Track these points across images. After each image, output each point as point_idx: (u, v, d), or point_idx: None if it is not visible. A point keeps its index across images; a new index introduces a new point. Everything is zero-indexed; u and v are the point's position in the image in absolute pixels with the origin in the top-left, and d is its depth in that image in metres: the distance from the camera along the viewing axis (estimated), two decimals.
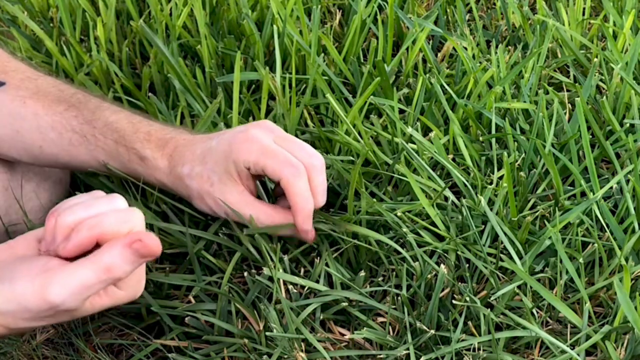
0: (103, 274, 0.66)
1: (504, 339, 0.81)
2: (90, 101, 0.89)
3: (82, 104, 0.88)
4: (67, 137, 0.87)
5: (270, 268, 0.84)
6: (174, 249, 0.91)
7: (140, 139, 0.86)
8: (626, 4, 1.19)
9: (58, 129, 0.87)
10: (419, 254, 0.86)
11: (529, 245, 0.89)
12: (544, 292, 0.81)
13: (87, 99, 0.89)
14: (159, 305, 0.85)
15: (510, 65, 1.12)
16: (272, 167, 0.82)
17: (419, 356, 0.79)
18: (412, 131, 0.97)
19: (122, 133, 0.86)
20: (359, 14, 1.11)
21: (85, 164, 0.89)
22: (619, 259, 0.86)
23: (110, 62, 1.10)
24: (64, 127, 0.87)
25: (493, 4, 1.29)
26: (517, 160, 0.97)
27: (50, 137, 0.87)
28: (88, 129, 0.87)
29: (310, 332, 0.82)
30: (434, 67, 1.10)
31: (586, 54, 1.15)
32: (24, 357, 0.86)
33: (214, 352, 0.83)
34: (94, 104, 0.88)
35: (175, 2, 1.16)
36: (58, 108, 0.87)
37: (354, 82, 1.09)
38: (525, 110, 1.05)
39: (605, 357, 0.80)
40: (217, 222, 0.90)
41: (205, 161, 0.84)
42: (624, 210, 0.91)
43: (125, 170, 0.88)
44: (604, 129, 1.02)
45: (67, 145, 0.87)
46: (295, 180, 0.82)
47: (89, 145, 0.87)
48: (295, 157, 0.83)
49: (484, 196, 0.90)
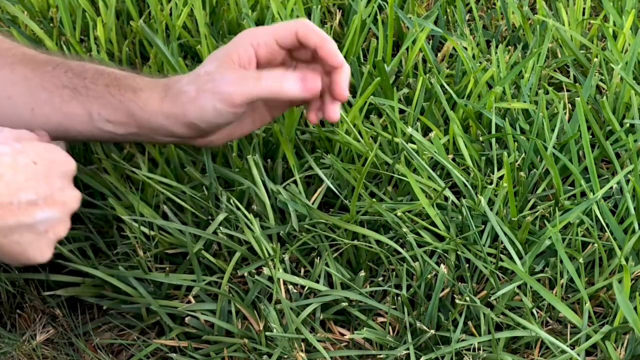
0: None
1: (504, 339, 0.81)
2: (78, 60, 0.89)
3: (70, 61, 0.88)
4: (58, 95, 0.86)
5: (270, 268, 0.84)
6: (174, 249, 0.91)
7: (132, 77, 0.86)
8: (626, 4, 1.18)
9: (49, 89, 0.86)
10: (419, 254, 0.86)
11: (529, 245, 0.89)
12: (544, 292, 0.81)
13: (74, 58, 0.89)
14: (159, 305, 0.86)
15: (510, 65, 1.12)
16: (297, 26, 0.84)
17: (419, 356, 0.79)
18: (412, 131, 0.97)
19: (113, 75, 0.85)
20: (359, 14, 1.11)
21: (77, 120, 0.87)
22: (619, 259, 0.86)
23: (110, 62, 1.10)
24: (54, 85, 0.86)
25: (493, 4, 1.29)
26: (517, 160, 0.97)
27: (42, 98, 0.86)
28: (78, 81, 0.86)
29: (310, 332, 0.82)
30: (434, 67, 1.10)
31: (586, 54, 1.15)
32: (24, 357, 0.86)
33: (214, 352, 0.83)
34: (82, 62, 0.88)
35: (175, 2, 1.16)
36: (47, 68, 0.87)
37: (354, 82, 1.09)
38: (525, 110, 1.05)
39: (605, 357, 0.80)
40: (216, 222, 0.90)
41: (204, 66, 0.84)
42: (624, 210, 0.91)
43: (118, 117, 0.85)
44: (604, 129, 1.02)
45: (59, 103, 0.86)
46: (319, 30, 0.84)
47: (80, 97, 0.86)
48: None
49: (484, 196, 0.90)
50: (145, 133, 0.86)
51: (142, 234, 0.90)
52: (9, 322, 0.91)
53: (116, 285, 0.88)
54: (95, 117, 0.85)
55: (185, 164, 0.97)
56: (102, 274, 0.87)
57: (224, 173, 0.95)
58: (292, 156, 0.96)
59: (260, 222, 0.90)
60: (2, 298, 0.91)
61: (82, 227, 0.95)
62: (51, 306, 0.91)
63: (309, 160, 0.96)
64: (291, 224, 0.89)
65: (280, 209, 0.93)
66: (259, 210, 0.92)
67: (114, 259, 0.91)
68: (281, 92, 0.82)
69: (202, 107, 0.83)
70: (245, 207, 0.92)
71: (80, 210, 0.94)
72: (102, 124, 0.86)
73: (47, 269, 0.92)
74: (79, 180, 0.98)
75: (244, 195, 0.94)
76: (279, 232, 0.90)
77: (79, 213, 0.95)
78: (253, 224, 0.88)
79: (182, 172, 0.97)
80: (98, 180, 0.97)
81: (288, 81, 0.82)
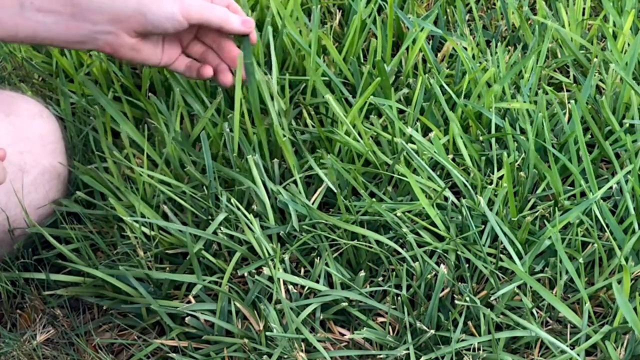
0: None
1: (504, 339, 0.81)
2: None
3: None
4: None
5: (270, 268, 0.84)
6: (174, 249, 0.91)
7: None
8: (626, 4, 1.18)
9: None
10: (418, 254, 0.86)
11: (528, 245, 0.89)
12: (544, 292, 0.81)
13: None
14: (159, 305, 0.86)
15: (510, 66, 1.12)
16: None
17: (419, 356, 0.79)
18: (412, 131, 0.97)
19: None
20: (358, 14, 1.11)
21: (5, 12, 0.87)
22: (618, 259, 0.86)
23: (110, 62, 1.10)
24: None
25: (493, 4, 1.29)
26: (517, 160, 0.97)
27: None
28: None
29: (310, 332, 0.82)
30: (433, 67, 1.10)
31: (586, 54, 1.15)
32: (24, 357, 0.86)
33: (214, 352, 0.83)
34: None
35: None
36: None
37: (354, 82, 1.09)
38: (525, 110, 1.05)
39: (605, 357, 0.80)
40: (216, 222, 0.90)
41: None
42: (624, 210, 0.91)
43: (52, 5, 0.86)
44: (603, 129, 1.02)
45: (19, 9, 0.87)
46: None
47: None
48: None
49: (483, 196, 0.90)
50: (73, 26, 0.88)
51: (142, 234, 0.90)
52: (9, 322, 0.91)
53: (116, 285, 0.88)
54: (27, 5, 0.86)
55: (185, 164, 0.97)
56: (102, 274, 0.87)
57: (224, 173, 0.95)
58: (292, 156, 0.96)
59: (260, 222, 0.90)
60: (3, 298, 0.91)
61: (82, 227, 0.95)
62: (52, 306, 0.91)
63: (309, 160, 0.96)
64: (291, 224, 0.89)
65: (280, 209, 0.93)
66: (259, 210, 0.92)
67: (114, 259, 0.91)
68: (227, 24, 0.94)
69: (159, 5, 0.89)
70: (245, 207, 0.92)
71: (80, 210, 0.95)
72: (32, 14, 0.86)
73: (48, 269, 0.92)
74: (79, 180, 0.98)
75: (244, 195, 0.94)
76: (279, 232, 0.90)
77: (79, 213, 0.95)
78: (253, 224, 0.88)
79: (182, 172, 0.97)
80: (98, 180, 0.97)
81: (233, 16, 0.95)
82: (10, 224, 0.90)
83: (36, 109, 0.95)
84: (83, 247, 0.91)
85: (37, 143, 0.93)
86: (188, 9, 0.91)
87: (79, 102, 1.06)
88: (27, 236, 0.93)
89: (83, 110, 1.06)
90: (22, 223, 0.91)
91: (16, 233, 0.91)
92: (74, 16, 0.88)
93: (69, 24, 0.88)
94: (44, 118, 0.95)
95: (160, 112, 1.02)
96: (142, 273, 0.88)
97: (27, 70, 1.15)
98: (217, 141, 0.99)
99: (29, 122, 0.94)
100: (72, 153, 1.00)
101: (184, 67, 0.98)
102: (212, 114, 1.00)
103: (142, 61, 0.95)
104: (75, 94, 1.07)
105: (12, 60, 1.16)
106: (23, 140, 0.92)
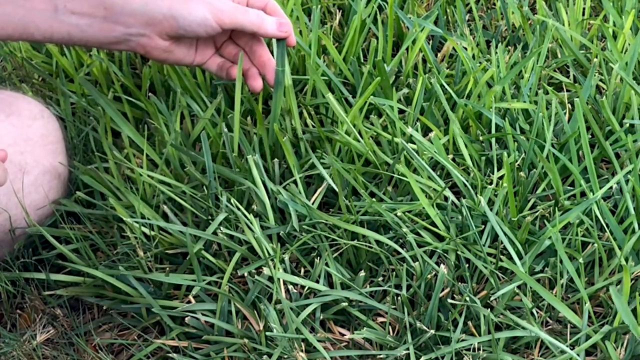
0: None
1: (503, 339, 0.81)
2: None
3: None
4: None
5: (270, 268, 0.84)
6: (174, 249, 0.92)
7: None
8: (626, 4, 1.18)
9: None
10: (418, 254, 0.86)
11: (528, 245, 0.89)
12: (544, 292, 0.81)
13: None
14: (159, 305, 0.86)
15: (510, 65, 1.12)
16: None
17: (419, 356, 0.79)
18: (412, 131, 0.97)
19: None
20: (358, 14, 1.11)
21: (39, 16, 0.87)
22: (619, 259, 0.86)
23: (110, 62, 1.10)
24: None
25: (493, 4, 1.29)
26: (517, 160, 0.97)
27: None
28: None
29: (310, 332, 0.82)
30: (433, 67, 1.10)
31: (586, 54, 1.15)
32: (25, 357, 0.86)
33: (214, 352, 0.83)
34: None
35: None
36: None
37: (354, 82, 1.09)
38: (525, 110, 1.05)
39: (605, 357, 0.80)
40: (216, 222, 0.90)
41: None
42: (624, 210, 0.91)
43: (85, 8, 0.87)
44: (603, 129, 1.02)
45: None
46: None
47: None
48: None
49: (483, 196, 0.90)
50: (107, 28, 0.89)
51: (142, 234, 0.90)
52: (9, 322, 0.91)
53: (116, 285, 0.88)
54: (61, 9, 0.87)
55: (185, 164, 0.97)
56: (102, 274, 0.87)
57: (224, 173, 0.95)
58: (292, 156, 0.96)
59: (260, 222, 0.90)
60: (3, 298, 0.91)
61: (82, 227, 0.95)
62: (52, 306, 0.91)
63: (312, 158, 0.96)
64: (291, 224, 0.90)
65: (280, 209, 0.93)
66: (259, 210, 0.92)
67: (114, 259, 0.91)
68: (260, 29, 0.94)
69: (191, 10, 0.89)
70: (245, 207, 0.92)
71: (80, 210, 0.95)
72: (66, 16, 0.87)
73: (48, 269, 0.92)
74: (79, 180, 0.98)
75: (244, 195, 0.94)
76: (279, 232, 0.90)
77: (79, 213, 0.95)
78: (253, 224, 0.88)
79: (182, 172, 0.97)
80: (98, 180, 0.97)
81: (268, 20, 0.94)
82: (11, 224, 0.90)
83: (37, 110, 0.95)
84: (83, 247, 0.91)
85: (38, 143, 0.94)
86: (220, 14, 0.91)
87: (79, 102, 1.06)
88: (27, 236, 0.93)
89: (83, 110, 1.06)
90: (23, 223, 0.91)
91: (16, 233, 0.91)
92: (106, 19, 0.88)
93: (102, 26, 0.89)
94: (45, 118, 0.96)
95: (160, 112, 1.03)
96: (142, 273, 0.88)
97: (27, 70, 1.15)
98: (217, 141, 0.99)
99: (30, 122, 0.94)
100: (73, 153, 1.00)
101: (216, 67, 0.99)
102: (212, 114, 1.01)
103: (175, 62, 0.96)
104: (75, 94, 1.07)
105: (12, 60, 1.16)
106: (24, 141, 0.92)
